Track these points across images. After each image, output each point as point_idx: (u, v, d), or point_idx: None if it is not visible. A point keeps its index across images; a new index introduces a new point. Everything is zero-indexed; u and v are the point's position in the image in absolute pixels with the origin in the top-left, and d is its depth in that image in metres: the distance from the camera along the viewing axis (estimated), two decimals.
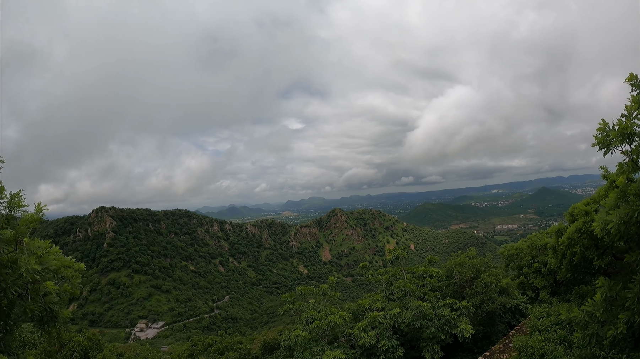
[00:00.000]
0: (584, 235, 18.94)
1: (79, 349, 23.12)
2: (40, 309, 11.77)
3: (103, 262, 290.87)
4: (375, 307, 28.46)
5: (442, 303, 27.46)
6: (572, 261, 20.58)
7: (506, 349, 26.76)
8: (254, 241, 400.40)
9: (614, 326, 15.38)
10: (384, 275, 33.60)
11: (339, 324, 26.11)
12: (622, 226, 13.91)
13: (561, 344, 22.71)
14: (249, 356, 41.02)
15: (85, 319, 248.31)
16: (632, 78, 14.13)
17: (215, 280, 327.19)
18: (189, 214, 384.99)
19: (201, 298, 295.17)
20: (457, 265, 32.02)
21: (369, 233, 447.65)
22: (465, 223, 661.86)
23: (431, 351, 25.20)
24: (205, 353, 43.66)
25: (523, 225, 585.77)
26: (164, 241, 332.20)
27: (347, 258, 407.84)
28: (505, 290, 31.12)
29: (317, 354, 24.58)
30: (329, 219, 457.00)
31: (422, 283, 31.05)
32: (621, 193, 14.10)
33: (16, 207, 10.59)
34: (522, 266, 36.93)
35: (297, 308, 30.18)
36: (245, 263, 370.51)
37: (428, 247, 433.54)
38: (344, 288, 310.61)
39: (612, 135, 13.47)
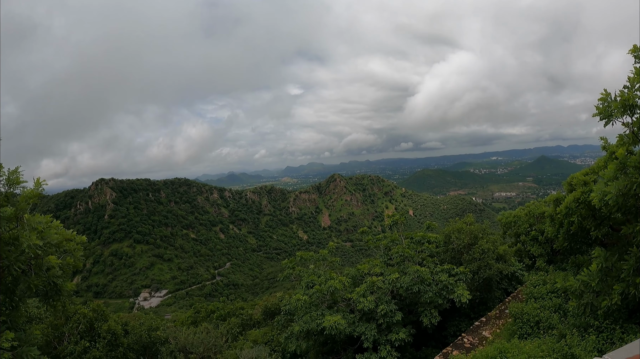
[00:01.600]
0: (581, 205, 19.03)
1: (84, 321, 23.36)
2: (44, 284, 11.86)
3: (105, 234, 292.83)
4: (374, 272, 28.57)
5: (440, 269, 27.67)
6: (569, 231, 20.72)
7: (502, 316, 27.05)
8: (254, 207, 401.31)
9: (609, 296, 15.58)
10: (382, 241, 33.66)
11: (338, 289, 26.19)
12: (620, 198, 13.97)
13: (556, 312, 22.88)
14: (250, 321, 41.50)
15: (89, 291, 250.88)
16: (636, 50, 14.02)
17: (216, 247, 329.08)
18: (189, 182, 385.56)
19: (203, 266, 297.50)
20: (455, 231, 32.07)
21: (368, 199, 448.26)
22: (464, 189, 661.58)
23: (429, 316, 25.41)
24: (208, 320, 44.09)
25: (521, 192, 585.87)
26: (165, 210, 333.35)
27: (346, 224, 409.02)
28: (503, 257, 31.26)
29: (317, 319, 24.88)
30: (328, 185, 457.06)
31: (421, 248, 31.21)
32: (620, 165, 14.12)
33: (15, 184, 10.59)
34: (520, 234, 37.10)
35: (297, 273, 30.24)
36: (245, 230, 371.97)
37: (427, 213, 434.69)
38: (343, 254, 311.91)
39: (614, 106, 13.48)
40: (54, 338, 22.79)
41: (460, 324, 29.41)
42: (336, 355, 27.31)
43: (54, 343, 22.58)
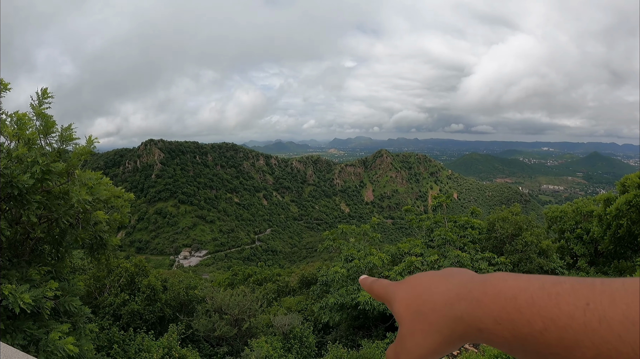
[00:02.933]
0: (633, 208, 18.49)
1: (125, 274, 23.84)
2: (90, 238, 12.08)
3: (151, 192, 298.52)
4: (414, 252, 28.27)
5: (480, 256, 27.23)
6: (617, 234, 20.23)
7: None
8: (298, 176, 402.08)
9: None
10: (425, 221, 33.31)
11: (377, 265, 26.08)
12: None
13: None
14: (286, 288, 41.80)
15: (132, 246, 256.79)
16: None
17: (258, 212, 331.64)
18: (236, 147, 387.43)
19: (243, 230, 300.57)
20: (500, 220, 31.60)
21: (413, 178, 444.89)
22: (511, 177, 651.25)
23: None
24: (245, 283, 44.51)
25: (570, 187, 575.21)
26: (210, 173, 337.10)
27: (389, 201, 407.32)
28: (545, 252, 30.74)
29: (352, 293, 24.89)
30: (375, 160, 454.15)
31: (463, 233, 30.78)
32: None
33: (68, 140, 10.73)
34: (564, 231, 36.38)
35: (337, 245, 30.22)
36: (288, 198, 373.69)
37: (471, 198, 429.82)
38: (383, 230, 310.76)
39: None
40: (95, 289, 23.36)
41: None
42: (367, 331, 27.33)
43: (95, 293, 23.15)
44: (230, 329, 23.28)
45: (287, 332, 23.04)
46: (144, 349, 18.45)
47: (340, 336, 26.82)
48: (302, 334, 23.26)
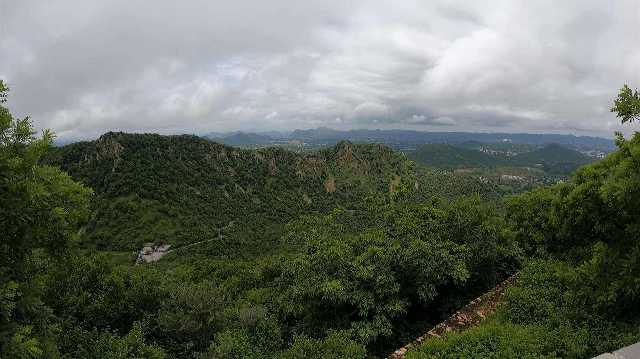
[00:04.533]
0: (589, 197, 19.04)
1: (87, 272, 23.60)
2: (50, 235, 11.93)
3: (111, 187, 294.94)
4: (376, 242, 28.57)
5: (441, 245, 27.69)
6: (574, 222, 20.78)
7: (498, 298, 27.29)
8: (261, 168, 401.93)
9: (605, 292, 15.71)
10: (387, 211, 33.76)
11: (339, 255, 26.33)
12: (629, 196, 13.97)
13: (552, 301, 23.06)
14: (250, 281, 41.89)
15: (93, 243, 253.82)
16: None
17: (220, 205, 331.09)
18: (197, 139, 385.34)
19: (206, 223, 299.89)
20: (460, 209, 32.13)
21: (375, 168, 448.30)
22: (472, 168, 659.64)
23: (426, 290, 25.61)
24: (209, 277, 44.48)
25: (528, 177, 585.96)
26: (171, 166, 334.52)
27: (351, 191, 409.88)
28: (504, 240, 31.38)
29: (316, 283, 25.10)
30: (336, 151, 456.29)
31: (424, 222, 31.20)
32: (634, 163, 14.09)
33: (24, 135, 10.58)
34: (523, 219, 37.20)
35: (299, 237, 30.45)
36: (250, 190, 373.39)
37: (432, 188, 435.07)
38: (346, 221, 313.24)
39: (634, 103, 13.47)
40: (57, 288, 23.09)
41: (456, 302, 29.66)
42: (332, 320, 27.56)
43: (57, 293, 22.89)
44: (195, 324, 23.27)
45: (253, 324, 23.14)
46: (109, 348, 18.36)
47: (305, 327, 27.04)
48: (268, 326, 23.39)
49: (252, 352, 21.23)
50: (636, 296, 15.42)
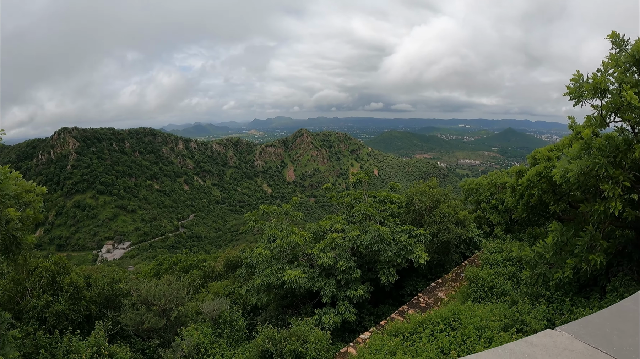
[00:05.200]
0: (543, 179, 19.54)
1: (46, 274, 23.19)
2: (3, 238, 11.58)
3: (67, 185, 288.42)
4: (336, 229, 28.80)
5: (400, 229, 28.19)
6: (529, 203, 21.28)
7: (458, 279, 27.77)
8: (219, 159, 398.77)
9: (561, 269, 16.18)
10: (345, 198, 34.09)
11: (299, 244, 26.61)
12: (581, 177, 14.40)
13: (510, 280, 23.62)
14: (212, 273, 41.76)
15: (52, 244, 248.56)
16: (615, 36, 14.59)
17: (180, 198, 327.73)
18: (154, 132, 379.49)
19: (166, 217, 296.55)
20: (418, 193, 32.56)
21: (334, 156, 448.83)
22: (430, 153, 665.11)
23: (387, 274, 25.92)
24: (171, 272, 44.17)
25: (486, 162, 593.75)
26: (128, 160, 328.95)
27: (311, 179, 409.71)
28: (462, 222, 31.92)
29: (277, 272, 25.20)
30: (295, 139, 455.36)
31: (383, 207, 31.59)
32: (585, 145, 14.54)
33: None
34: (481, 201, 37.79)
35: (259, 226, 30.55)
36: (210, 182, 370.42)
37: (391, 174, 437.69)
38: (306, 209, 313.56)
39: (585, 88, 13.77)
40: (17, 293, 22.69)
41: (417, 285, 30.10)
42: (296, 309, 27.70)
43: (17, 298, 22.50)
44: (159, 321, 23.12)
45: (217, 317, 23.11)
46: (72, 351, 18.15)
47: (269, 317, 27.08)
48: (232, 318, 23.39)
49: (217, 345, 21.24)
50: (591, 272, 15.90)
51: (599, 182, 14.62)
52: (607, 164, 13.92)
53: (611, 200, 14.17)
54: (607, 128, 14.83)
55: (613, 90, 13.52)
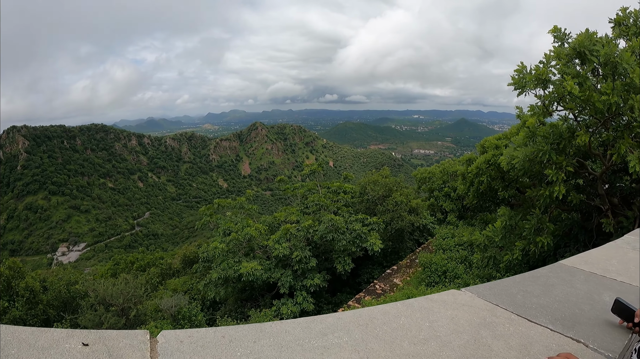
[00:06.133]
0: (491, 166, 20.29)
1: (1, 279, 22.89)
2: None
3: (18, 186, 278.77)
4: (290, 220, 29.10)
5: (354, 218, 28.60)
6: (479, 190, 22.01)
7: (412, 265, 28.33)
8: (173, 155, 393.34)
9: (511, 252, 16.86)
10: (299, 189, 34.50)
11: (254, 236, 26.83)
12: (527, 163, 15.06)
13: (462, 264, 24.29)
14: (170, 270, 41.53)
15: (4, 249, 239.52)
16: (556, 30, 15.40)
17: (134, 196, 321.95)
18: (106, 129, 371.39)
19: (121, 216, 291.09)
20: (371, 183, 33.07)
21: (289, 148, 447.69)
22: (385, 144, 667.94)
23: (342, 263, 26.34)
24: (128, 271, 43.76)
25: (440, 151, 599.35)
26: (80, 158, 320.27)
27: (267, 172, 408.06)
28: (415, 210, 32.56)
29: (234, 266, 25.33)
30: (250, 133, 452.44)
31: (337, 198, 32.06)
32: (530, 133, 15.25)
33: None
34: (434, 189, 38.62)
35: (214, 221, 30.63)
36: (164, 178, 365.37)
37: (347, 165, 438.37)
38: (263, 202, 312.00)
39: (528, 79, 14.23)
40: None
41: (373, 272, 30.57)
42: (254, 301, 27.86)
43: None
44: (118, 320, 23.00)
45: (176, 314, 23.10)
46: None
47: (229, 310, 27.21)
48: (191, 314, 23.41)
49: None
50: (540, 253, 16.60)
51: (544, 168, 15.24)
52: (550, 151, 14.52)
53: (555, 184, 14.76)
54: (553, 117, 15.46)
55: (555, 81, 14.04)
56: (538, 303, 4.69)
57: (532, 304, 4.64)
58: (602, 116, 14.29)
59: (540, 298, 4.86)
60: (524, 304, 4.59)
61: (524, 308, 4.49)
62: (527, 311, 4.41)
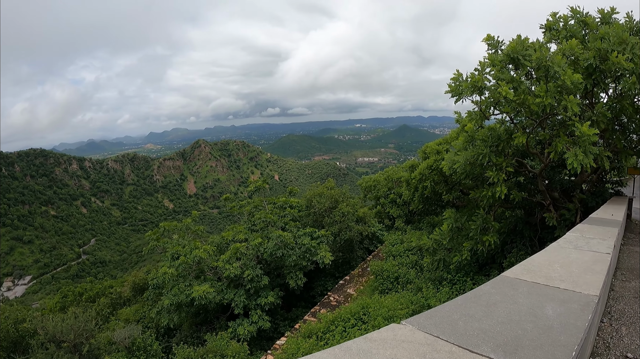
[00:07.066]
0: (434, 171, 20.90)
1: None
2: None
3: None
4: (239, 239, 29.04)
5: (302, 232, 28.82)
6: (424, 194, 22.57)
7: (364, 273, 28.56)
8: (116, 177, 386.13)
9: (459, 253, 17.31)
10: (246, 207, 34.33)
11: (204, 258, 26.51)
12: (468, 167, 15.55)
13: (413, 268, 24.64)
14: (120, 299, 40.71)
15: None
16: (490, 38, 16.19)
17: (78, 223, 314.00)
18: (45, 153, 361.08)
19: (66, 245, 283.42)
20: (316, 196, 33.33)
21: (234, 164, 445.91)
22: (329, 154, 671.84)
23: (295, 278, 26.48)
24: (77, 303, 42.73)
25: (383, 158, 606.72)
26: (20, 186, 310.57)
27: (213, 190, 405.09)
28: (362, 219, 32.95)
29: (185, 290, 25.03)
30: (193, 151, 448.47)
31: (283, 213, 32.18)
32: (469, 137, 15.80)
33: None
34: (379, 197, 39.07)
35: (161, 245, 30.23)
36: (108, 202, 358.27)
37: (292, 178, 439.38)
38: (210, 221, 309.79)
39: (464, 86, 14.69)
40: None
41: (327, 284, 30.74)
42: (210, 324, 27.61)
43: None
44: (71, 358, 22.45)
45: (130, 345, 22.67)
46: None
47: (184, 337, 26.85)
48: (146, 344, 23.00)
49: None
50: (488, 252, 17.14)
51: (485, 170, 15.71)
52: (490, 153, 15.03)
53: (497, 185, 15.21)
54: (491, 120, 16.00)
55: (491, 86, 14.53)
56: (480, 328, 4.59)
57: (473, 330, 4.54)
58: (537, 117, 14.84)
59: (482, 322, 4.78)
60: (465, 332, 4.48)
61: (465, 337, 4.37)
62: (468, 340, 4.28)
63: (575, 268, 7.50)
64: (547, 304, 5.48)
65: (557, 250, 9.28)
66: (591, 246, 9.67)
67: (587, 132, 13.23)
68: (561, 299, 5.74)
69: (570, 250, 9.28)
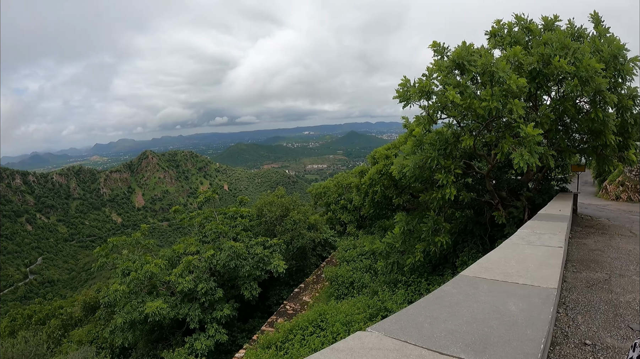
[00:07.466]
0: (384, 176, 21.21)
1: None
2: None
3: None
4: (190, 251, 28.82)
5: (254, 242, 28.79)
6: (374, 199, 22.83)
7: (319, 280, 28.71)
8: (62, 192, 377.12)
9: (412, 255, 17.64)
10: (196, 218, 34.10)
11: (155, 272, 26.08)
12: (417, 170, 15.90)
13: (367, 273, 24.90)
14: (71, 320, 39.83)
15: None
16: (436, 45, 16.73)
17: (24, 241, 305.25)
18: None
19: (12, 264, 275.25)
20: (267, 204, 33.43)
21: (182, 175, 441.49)
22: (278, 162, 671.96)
23: (249, 289, 26.43)
24: (26, 327, 41.65)
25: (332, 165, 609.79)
26: None
27: (162, 202, 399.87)
28: (314, 226, 33.15)
29: (138, 307, 24.60)
30: (140, 162, 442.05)
31: (234, 223, 32.09)
32: (418, 142, 16.18)
33: None
34: (330, 203, 39.36)
35: (111, 261, 29.58)
36: (54, 218, 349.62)
37: (241, 187, 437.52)
38: (161, 234, 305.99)
39: (412, 92, 15.06)
40: None
41: (282, 293, 30.81)
42: (166, 341, 27.29)
43: None
44: None
45: None
46: None
47: (140, 355, 26.61)
48: None
49: None
50: (440, 252, 17.55)
51: (434, 173, 16.04)
52: (438, 156, 15.40)
53: (446, 187, 15.55)
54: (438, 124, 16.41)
55: (438, 91, 14.91)
56: (447, 329, 4.62)
57: (440, 332, 4.55)
58: (484, 120, 15.23)
59: (447, 323, 4.81)
60: (432, 335, 4.48)
61: (433, 339, 4.37)
62: (437, 343, 4.29)
63: (531, 263, 7.68)
64: (509, 300, 5.60)
65: (512, 247, 9.49)
66: (543, 241, 9.94)
67: (531, 132, 13.67)
68: (522, 294, 5.88)
69: (524, 245, 9.52)
